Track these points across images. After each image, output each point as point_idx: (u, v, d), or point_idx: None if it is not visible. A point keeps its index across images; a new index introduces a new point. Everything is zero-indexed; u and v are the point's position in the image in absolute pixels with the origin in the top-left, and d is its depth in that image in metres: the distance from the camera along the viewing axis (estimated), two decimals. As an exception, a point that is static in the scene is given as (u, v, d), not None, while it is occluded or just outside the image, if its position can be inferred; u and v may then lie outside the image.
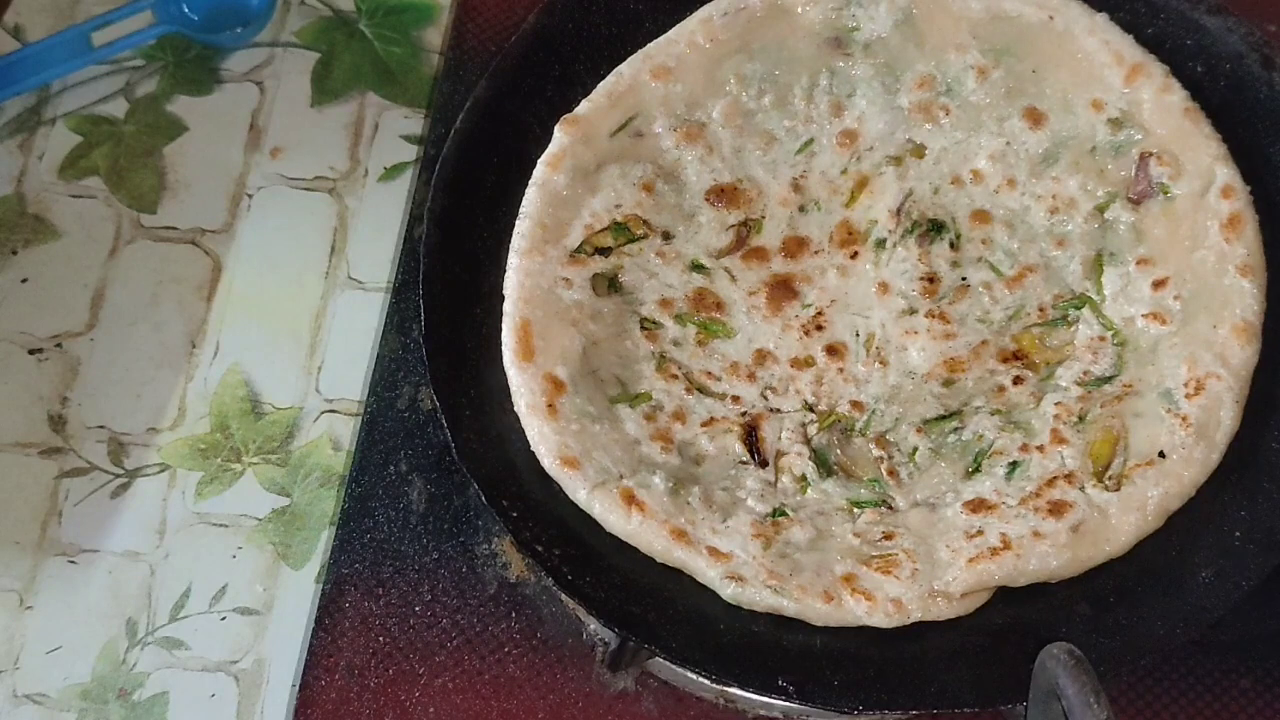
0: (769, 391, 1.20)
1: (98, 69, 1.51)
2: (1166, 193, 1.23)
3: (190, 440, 1.35)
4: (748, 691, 1.16)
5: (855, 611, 1.08)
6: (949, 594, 1.09)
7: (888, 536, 1.12)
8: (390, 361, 1.33)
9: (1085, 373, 1.19)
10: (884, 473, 1.17)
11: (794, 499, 1.15)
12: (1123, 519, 1.11)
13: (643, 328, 1.22)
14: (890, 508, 1.15)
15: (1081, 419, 1.17)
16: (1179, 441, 1.13)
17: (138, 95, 1.51)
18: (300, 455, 1.35)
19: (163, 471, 1.34)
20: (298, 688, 1.22)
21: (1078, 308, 1.22)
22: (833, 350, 1.22)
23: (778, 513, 1.14)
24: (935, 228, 1.25)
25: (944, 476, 1.17)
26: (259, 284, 1.42)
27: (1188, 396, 1.15)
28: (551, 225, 1.22)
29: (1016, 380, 1.20)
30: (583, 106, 1.27)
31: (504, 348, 1.17)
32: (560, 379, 1.15)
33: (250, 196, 1.46)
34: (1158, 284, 1.21)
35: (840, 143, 1.29)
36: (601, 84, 1.28)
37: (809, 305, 1.24)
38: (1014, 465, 1.15)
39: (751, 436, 1.18)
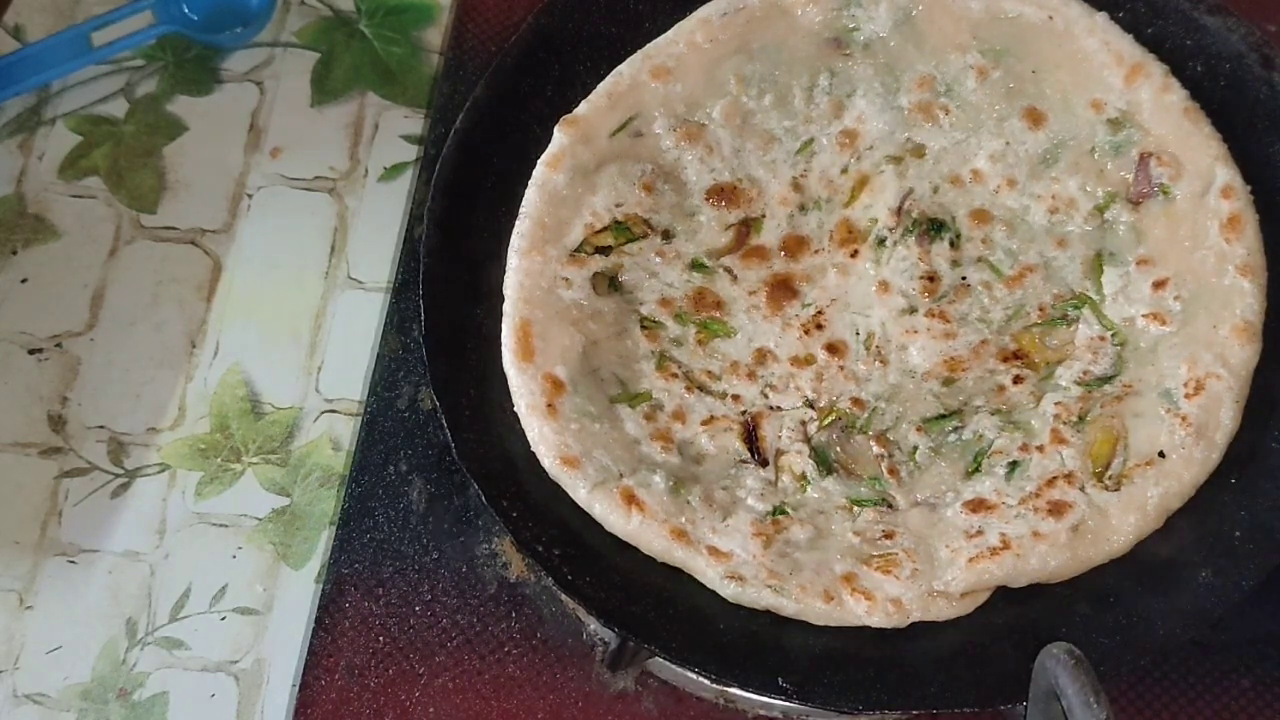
0: (769, 389, 1.20)
1: (98, 69, 1.51)
2: (1166, 193, 1.23)
3: (190, 440, 1.35)
4: (748, 691, 1.16)
5: (855, 611, 1.08)
6: (949, 594, 1.09)
7: (888, 535, 1.12)
8: (390, 361, 1.33)
9: (1085, 372, 1.19)
10: (884, 471, 1.17)
11: (794, 498, 1.15)
12: (1123, 519, 1.11)
13: (643, 327, 1.22)
14: (890, 507, 1.15)
15: (1081, 419, 1.17)
16: (1179, 441, 1.13)
17: (138, 95, 1.51)
18: (300, 455, 1.35)
19: (163, 471, 1.34)
20: (298, 688, 1.22)
21: (1077, 308, 1.22)
22: (833, 348, 1.22)
23: (778, 511, 1.14)
24: (935, 227, 1.25)
25: (944, 476, 1.17)
26: (259, 284, 1.42)
27: (1188, 396, 1.15)
28: (551, 225, 1.22)
29: (1016, 380, 1.20)
30: (582, 107, 1.27)
31: (504, 348, 1.17)
32: (560, 379, 1.15)
33: (250, 196, 1.46)
34: (1158, 284, 1.21)
35: (840, 142, 1.29)
36: (601, 84, 1.28)
37: (809, 304, 1.24)
38: (1014, 465, 1.15)
39: (751, 435, 1.18)
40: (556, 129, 1.25)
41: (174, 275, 1.42)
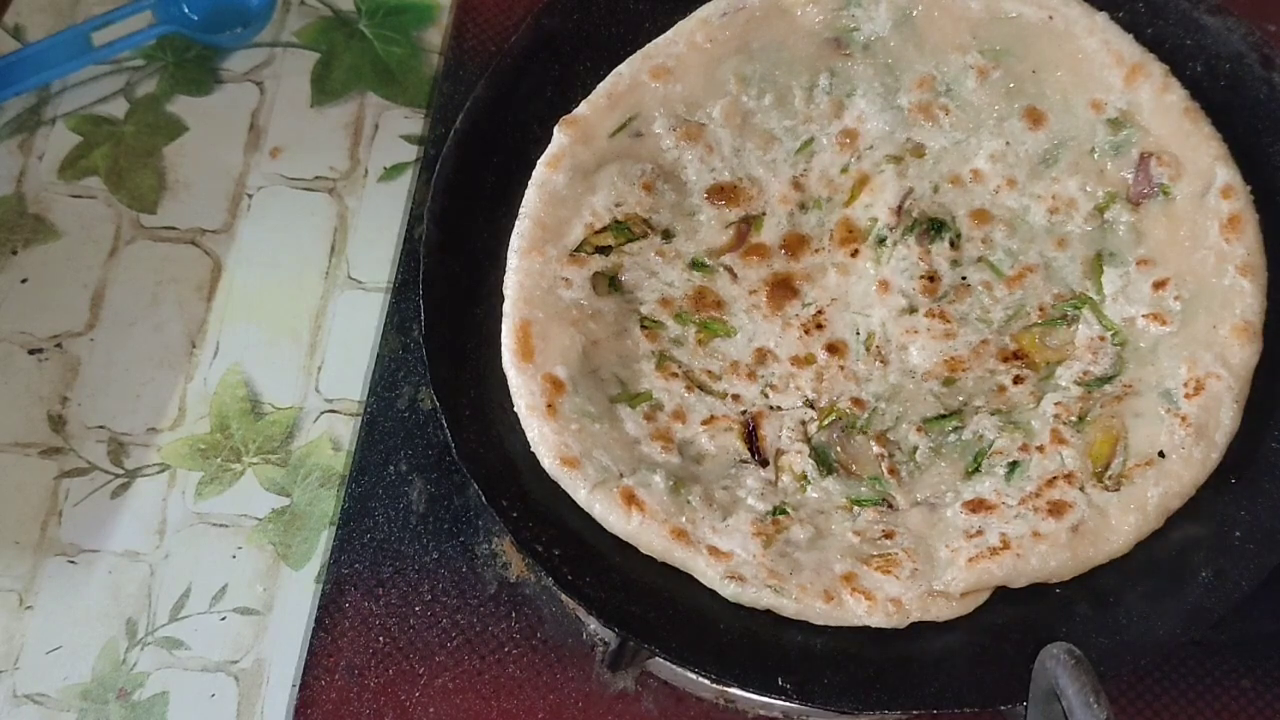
0: (769, 389, 1.20)
1: (98, 69, 1.51)
2: (1167, 193, 1.23)
3: (190, 440, 1.35)
4: (748, 691, 1.16)
5: (855, 611, 1.08)
6: (949, 594, 1.09)
7: (888, 535, 1.12)
8: (390, 361, 1.33)
9: (1085, 373, 1.19)
10: (884, 471, 1.17)
11: (794, 497, 1.15)
12: (1123, 519, 1.11)
13: (643, 327, 1.22)
14: (891, 506, 1.15)
15: (1081, 419, 1.17)
16: (1179, 441, 1.13)
17: (138, 95, 1.51)
18: (300, 455, 1.35)
19: (163, 471, 1.34)
20: (298, 688, 1.22)
21: (1077, 308, 1.22)
22: (833, 348, 1.22)
23: (778, 511, 1.14)
24: (935, 226, 1.25)
25: (944, 476, 1.17)
26: (259, 284, 1.42)
27: (1188, 396, 1.15)
28: (551, 225, 1.22)
29: (1016, 380, 1.20)
30: (582, 107, 1.27)
31: (504, 348, 1.17)
32: (560, 379, 1.15)
33: (250, 196, 1.46)
34: (1158, 284, 1.21)
35: (840, 142, 1.29)
36: (601, 84, 1.28)
37: (809, 304, 1.24)
38: (1014, 465, 1.15)
39: (751, 435, 1.18)
40: (556, 129, 1.25)
41: (174, 275, 1.42)
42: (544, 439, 1.13)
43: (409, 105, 1.51)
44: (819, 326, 1.23)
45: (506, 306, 1.19)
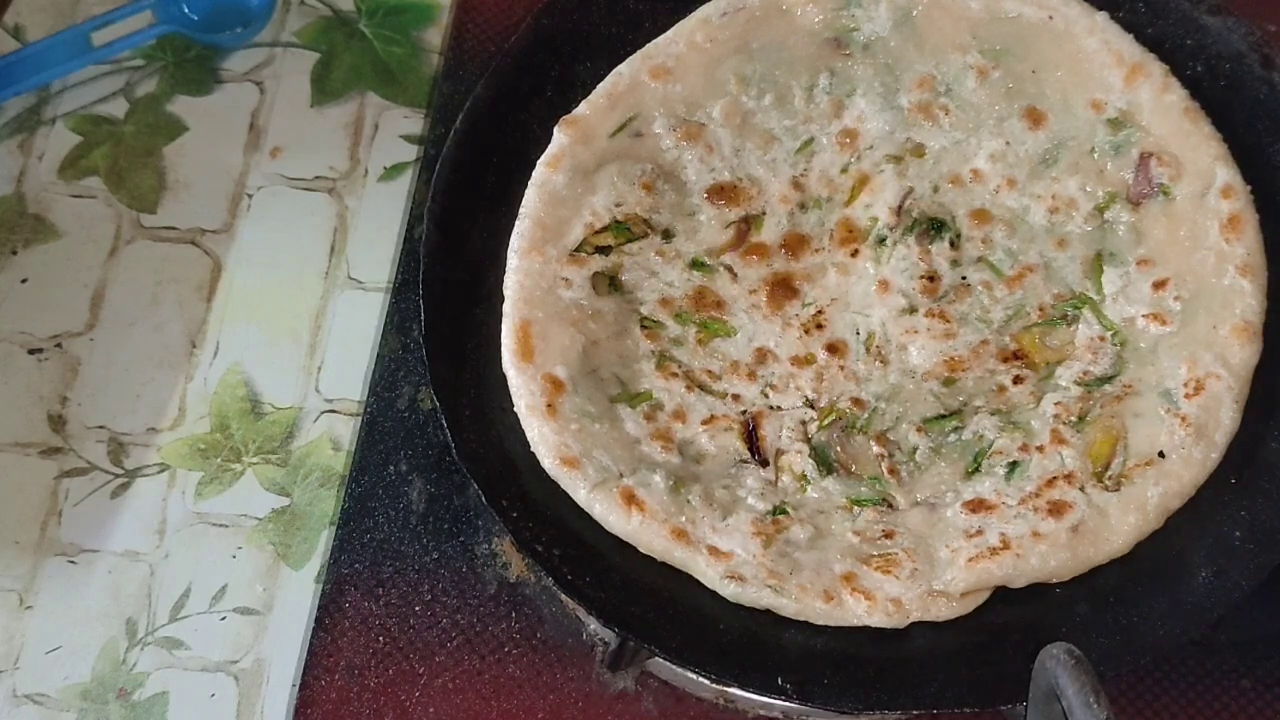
0: (769, 389, 1.20)
1: (98, 69, 1.51)
2: (1167, 193, 1.23)
3: (190, 440, 1.35)
4: (748, 691, 1.16)
5: (855, 611, 1.08)
6: (949, 594, 1.09)
7: (888, 535, 1.13)
8: (390, 361, 1.33)
9: (1085, 373, 1.19)
10: (884, 471, 1.17)
11: (794, 497, 1.15)
12: (1123, 519, 1.11)
13: (643, 327, 1.22)
14: (891, 506, 1.15)
15: (1081, 419, 1.17)
16: (1179, 441, 1.13)
17: (138, 95, 1.51)
18: (300, 455, 1.35)
19: (163, 471, 1.34)
20: (298, 688, 1.22)
21: (1077, 308, 1.22)
22: (833, 348, 1.22)
23: (778, 511, 1.14)
24: (935, 226, 1.25)
25: (944, 476, 1.17)
26: (259, 284, 1.42)
27: (1187, 396, 1.15)
28: (551, 225, 1.22)
29: (1016, 380, 1.20)
30: (582, 107, 1.27)
31: (504, 348, 1.17)
32: (560, 379, 1.15)
33: (250, 196, 1.46)
34: (1158, 284, 1.21)
35: (840, 142, 1.29)
36: (601, 84, 1.28)
37: (809, 304, 1.24)
38: (1014, 465, 1.15)
39: (752, 435, 1.18)
40: (556, 129, 1.25)
41: (174, 275, 1.42)
42: (544, 439, 1.13)
43: (409, 105, 1.51)
44: (819, 326, 1.23)
45: (506, 306, 1.19)
